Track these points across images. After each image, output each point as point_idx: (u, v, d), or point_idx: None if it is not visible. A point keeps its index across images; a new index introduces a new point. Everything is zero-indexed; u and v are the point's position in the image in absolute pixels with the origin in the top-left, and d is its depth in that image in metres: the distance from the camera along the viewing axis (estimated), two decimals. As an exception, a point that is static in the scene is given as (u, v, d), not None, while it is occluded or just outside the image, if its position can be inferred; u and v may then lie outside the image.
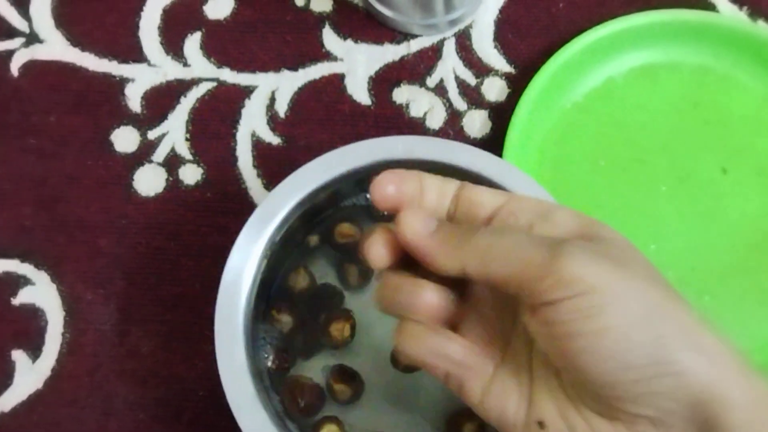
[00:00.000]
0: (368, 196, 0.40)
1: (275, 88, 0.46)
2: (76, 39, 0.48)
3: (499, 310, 0.29)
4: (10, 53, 0.47)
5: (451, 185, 0.29)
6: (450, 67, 0.46)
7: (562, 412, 0.26)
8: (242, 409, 0.34)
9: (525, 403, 0.27)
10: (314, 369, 0.39)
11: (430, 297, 0.28)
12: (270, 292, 0.40)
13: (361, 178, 0.38)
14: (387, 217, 0.29)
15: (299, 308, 0.39)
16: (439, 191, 0.29)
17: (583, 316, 0.24)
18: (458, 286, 0.28)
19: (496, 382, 0.27)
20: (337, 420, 0.37)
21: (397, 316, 0.28)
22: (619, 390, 0.24)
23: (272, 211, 0.37)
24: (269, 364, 0.38)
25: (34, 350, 0.42)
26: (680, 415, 0.23)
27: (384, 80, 0.46)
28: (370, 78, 0.46)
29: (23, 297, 0.43)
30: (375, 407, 0.39)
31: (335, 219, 0.40)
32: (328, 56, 0.47)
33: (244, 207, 0.44)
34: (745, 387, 0.24)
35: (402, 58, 0.47)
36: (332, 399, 0.38)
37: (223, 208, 0.44)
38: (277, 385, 0.38)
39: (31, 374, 0.42)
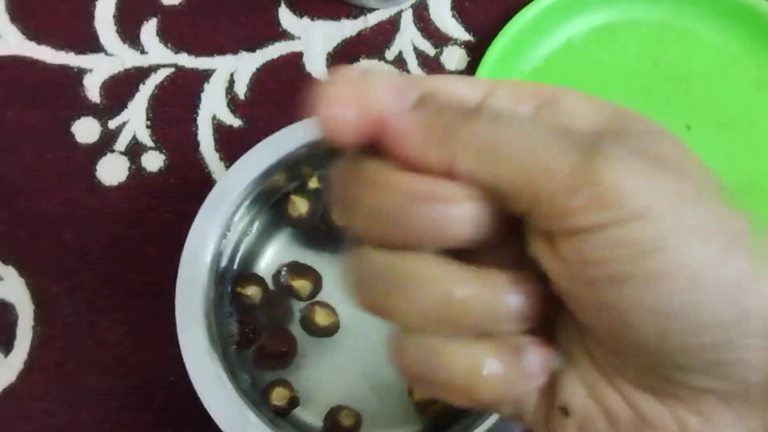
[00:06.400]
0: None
1: (234, 70, 0.46)
2: (32, 32, 0.47)
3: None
4: (-35, 51, 0.47)
5: (415, 81, 0.20)
6: (408, 39, 0.46)
7: (593, 391, 0.19)
8: (207, 391, 0.34)
9: (542, 387, 0.20)
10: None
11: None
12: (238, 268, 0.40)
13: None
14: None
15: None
16: (396, 89, 0.19)
17: (634, 252, 0.17)
18: None
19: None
20: (286, 382, 0.37)
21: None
22: (681, 358, 0.17)
23: (229, 189, 0.37)
24: (234, 340, 0.38)
25: (6, 344, 0.42)
26: (765, 388, 0.18)
27: (343, 56, 0.46)
28: (329, 55, 0.46)
29: (-8, 293, 0.43)
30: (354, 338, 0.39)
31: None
32: (285, 35, 0.46)
33: (208, 191, 0.43)
34: None
35: (359, 33, 0.46)
36: (296, 298, 0.38)
37: (186, 193, 0.44)
38: (245, 359, 0.38)
39: (3, 368, 0.42)
